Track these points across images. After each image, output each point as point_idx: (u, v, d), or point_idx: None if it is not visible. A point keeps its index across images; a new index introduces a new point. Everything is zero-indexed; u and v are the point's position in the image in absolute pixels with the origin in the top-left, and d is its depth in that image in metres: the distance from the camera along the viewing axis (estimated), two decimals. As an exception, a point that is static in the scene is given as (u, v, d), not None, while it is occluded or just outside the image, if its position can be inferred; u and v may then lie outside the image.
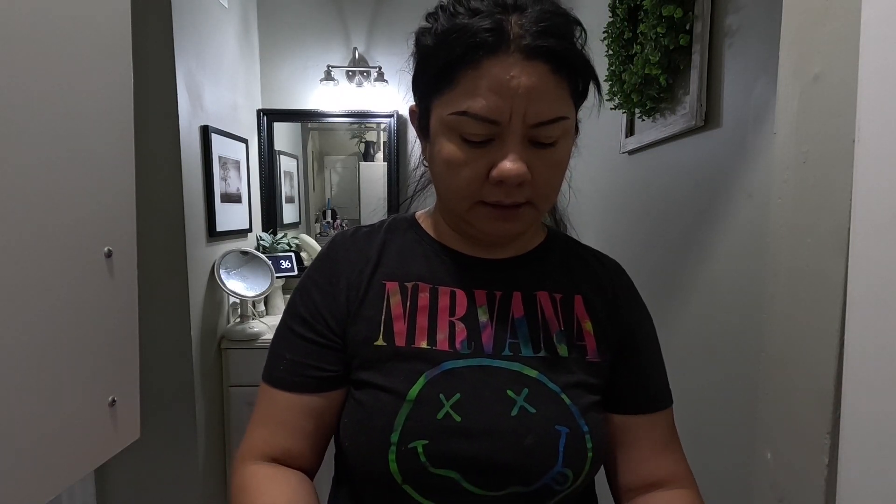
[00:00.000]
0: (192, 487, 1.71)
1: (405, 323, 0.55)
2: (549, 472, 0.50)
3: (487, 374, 0.53)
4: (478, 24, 0.46)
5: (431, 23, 0.52)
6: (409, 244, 0.61)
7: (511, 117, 0.47)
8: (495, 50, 0.46)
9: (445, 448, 0.49)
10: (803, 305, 0.53)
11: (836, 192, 0.48)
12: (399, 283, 0.57)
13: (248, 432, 0.57)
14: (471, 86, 0.47)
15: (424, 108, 0.54)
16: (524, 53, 0.46)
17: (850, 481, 0.46)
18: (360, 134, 2.45)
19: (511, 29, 0.46)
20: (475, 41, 0.46)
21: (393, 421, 0.50)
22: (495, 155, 0.49)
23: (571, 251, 0.64)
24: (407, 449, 0.49)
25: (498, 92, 0.46)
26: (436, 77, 0.50)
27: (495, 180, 0.49)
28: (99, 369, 0.83)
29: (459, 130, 0.49)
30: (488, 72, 0.46)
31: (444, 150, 0.50)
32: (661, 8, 1.05)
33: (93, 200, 0.81)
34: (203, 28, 1.75)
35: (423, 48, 0.52)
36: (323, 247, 0.63)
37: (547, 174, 0.51)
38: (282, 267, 2.17)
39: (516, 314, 0.57)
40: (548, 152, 0.50)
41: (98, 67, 0.81)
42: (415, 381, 0.51)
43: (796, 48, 0.54)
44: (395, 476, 0.49)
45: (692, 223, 1.08)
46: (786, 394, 0.56)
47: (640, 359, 0.60)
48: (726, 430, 0.94)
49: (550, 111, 0.48)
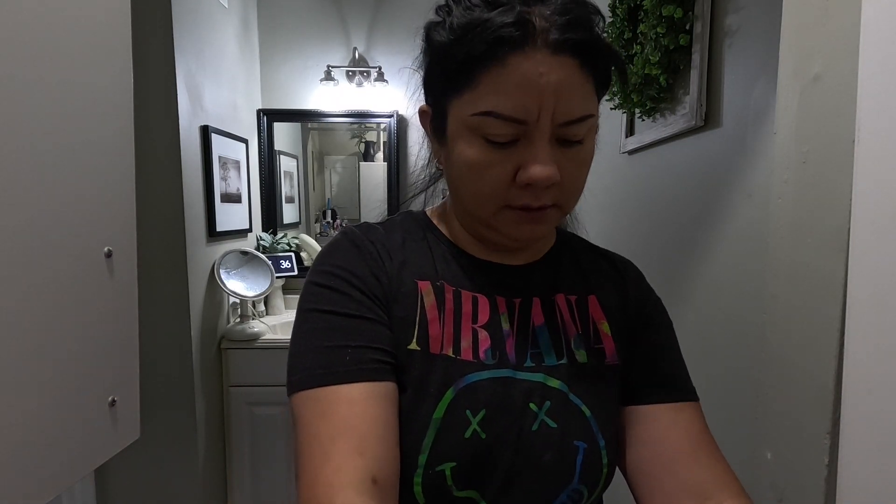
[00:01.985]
0: (192, 487, 1.71)
1: (440, 327, 0.51)
2: (565, 489, 0.49)
3: (511, 387, 0.50)
4: (500, 18, 0.43)
5: (443, 16, 0.48)
6: (428, 244, 0.57)
7: (539, 116, 0.44)
8: (521, 45, 0.43)
9: (471, 469, 0.47)
10: (803, 305, 0.53)
11: (836, 192, 0.48)
12: (431, 282, 0.53)
13: (317, 459, 0.42)
14: (495, 84, 0.44)
15: (440, 110, 0.50)
16: (551, 48, 0.43)
17: (850, 481, 0.46)
18: (360, 134, 2.45)
19: (535, 21, 0.43)
20: (499, 36, 0.43)
21: (421, 441, 0.46)
22: (522, 156, 0.46)
23: (582, 252, 0.62)
24: (435, 472, 0.46)
25: (526, 90, 0.43)
26: (454, 76, 0.46)
27: (524, 183, 0.46)
28: (99, 369, 0.83)
29: (483, 132, 0.46)
30: (515, 69, 0.43)
31: (465, 153, 0.47)
32: (661, 8, 1.05)
33: (93, 200, 0.81)
34: (203, 28, 1.75)
35: (438, 45, 0.48)
36: (337, 238, 0.55)
37: (574, 173, 0.48)
38: (282, 267, 2.17)
39: (536, 322, 0.54)
40: (575, 151, 0.47)
41: (98, 67, 0.81)
42: (442, 396, 0.48)
43: (796, 48, 0.54)
44: (419, 498, 0.47)
45: (692, 223, 1.08)
46: (786, 394, 0.56)
47: (659, 348, 0.58)
48: (726, 430, 0.94)
49: (580, 109, 0.45)
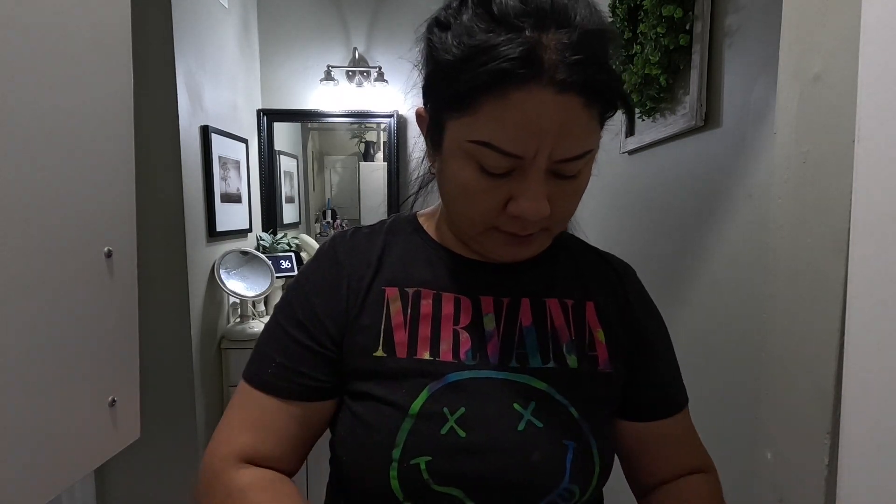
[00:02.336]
0: (192, 487, 1.71)
1: (406, 332, 0.52)
2: (555, 489, 0.48)
3: (493, 387, 0.50)
4: (507, 49, 0.41)
5: (449, 20, 0.46)
6: (412, 247, 0.57)
7: (537, 154, 0.43)
8: (526, 81, 0.41)
9: (449, 465, 0.47)
10: (803, 305, 0.53)
11: (836, 192, 0.48)
12: (399, 288, 0.54)
13: (224, 431, 0.54)
14: (495, 116, 0.43)
15: (438, 122, 0.49)
16: (557, 87, 0.41)
17: (850, 481, 0.46)
18: (360, 134, 2.45)
19: (544, 55, 0.41)
20: (503, 69, 0.41)
21: (395, 436, 0.48)
22: (515, 188, 0.45)
23: (580, 254, 0.62)
24: (409, 465, 0.47)
25: (526, 128, 0.42)
26: (454, 97, 0.45)
27: (513, 215, 0.46)
28: (99, 369, 0.83)
29: (478, 159, 0.45)
30: (517, 106, 0.42)
31: (459, 175, 0.47)
32: (661, 8, 1.05)
33: (93, 200, 0.81)
34: (203, 28, 1.75)
35: (441, 61, 0.46)
36: (321, 246, 0.59)
37: (566, 204, 0.49)
38: (282, 267, 2.17)
39: (524, 322, 0.54)
40: (569, 183, 0.47)
41: (98, 67, 0.81)
42: (417, 395, 0.49)
43: (796, 48, 0.54)
44: (397, 493, 0.47)
45: (692, 223, 1.08)
46: (786, 394, 0.56)
47: (656, 364, 0.59)
48: (726, 430, 0.94)
49: (579, 147, 0.44)
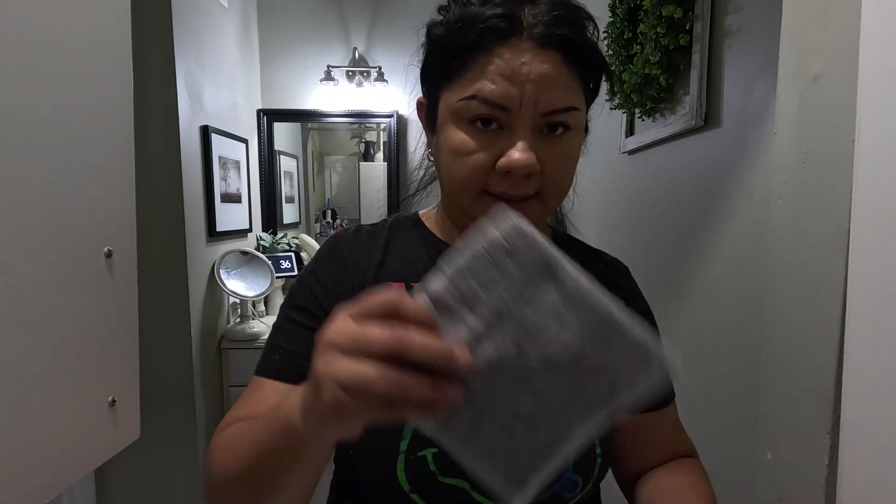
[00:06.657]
0: (192, 487, 1.71)
1: None
2: (559, 479, 0.49)
3: None
4: (490, 10, 0.46)
5: (443, 14, 0.51)
6: (414, 243, 0.58)
7: (521, 104, 0.46)
8: (508, 36, 0.45)
9: None
10: (803, 305, 0.53)
11: (836, 192, 0.48)
12: (406, 283, 0.54)
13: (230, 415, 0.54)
14: (481, 71, 0.46)
15: (433, 99, 0.53)
16: (537, 41, 0.45)
17: (850, 481, 0.46)
18: (360, 134, 2.45)
19: (524, 17, 0.46)
20: (486, 27, 0.45)
21: (402, 428, 0.48)
22: (504, 144, 0.47)
23: (576, 252, 0.62)
24: (416, 457, 0.48)
25: (509, 77, 0.45)
26: (446, 64, 0.49)
27: (503, 170, 0.47)
28: (99, 369, 0.83)
29: (468, 115, 0.47)
30: (500, 57, 0.45)
31: (451, 138, 0.49)
32: (661, 8, 1.05)
33: (93, 200, 0.81)
34: (203, 28, 1.75)
35: (434, 38, 0.51)
36: (324, 243, 0.60)
37: (557, 166, 0.49)
38: (282, 267, 2.17)
39: None
40: (558, 143, 0.48)
41: (98, 67, 0.81)
42: None
43: (796, 48, 0.54)
44: (403, 485, 0.48)
45: (692, 223, 1.08)
46: (786, 394, 0.56)
47: None
48: (726, 430, 0.94)
49: (562, 100, 0.47)
